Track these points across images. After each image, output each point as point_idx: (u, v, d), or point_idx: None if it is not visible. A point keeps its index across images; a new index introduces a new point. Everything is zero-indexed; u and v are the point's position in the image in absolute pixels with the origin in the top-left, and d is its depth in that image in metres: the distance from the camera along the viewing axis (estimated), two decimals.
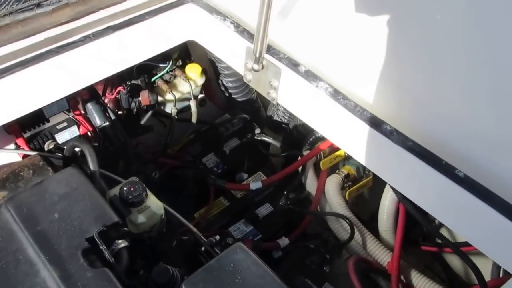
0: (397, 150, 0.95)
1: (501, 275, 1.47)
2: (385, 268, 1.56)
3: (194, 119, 1.61)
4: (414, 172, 0.96)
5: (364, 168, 1.77)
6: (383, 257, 1.57)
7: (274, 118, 1.99)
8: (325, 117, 1.11)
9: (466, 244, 1.53)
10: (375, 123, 0.99)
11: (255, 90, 1.97)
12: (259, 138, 1.79)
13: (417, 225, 1.78)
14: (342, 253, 1.60)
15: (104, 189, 1.20)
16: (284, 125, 1.99)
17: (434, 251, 1.76)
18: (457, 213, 0.93)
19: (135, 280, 1.11)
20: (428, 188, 0.96)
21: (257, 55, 1.18)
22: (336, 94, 1.07)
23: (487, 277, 1.71)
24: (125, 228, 1.11)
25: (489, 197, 0.87)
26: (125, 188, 1.13)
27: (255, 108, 2.01)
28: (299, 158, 1.71)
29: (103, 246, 1.02)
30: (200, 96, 1.90)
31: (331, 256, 1.51)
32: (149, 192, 1.17)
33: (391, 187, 1.46)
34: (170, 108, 1.59)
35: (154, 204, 1.17)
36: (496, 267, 1.52)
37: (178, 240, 1.30)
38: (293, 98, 1.21)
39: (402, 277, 1.52)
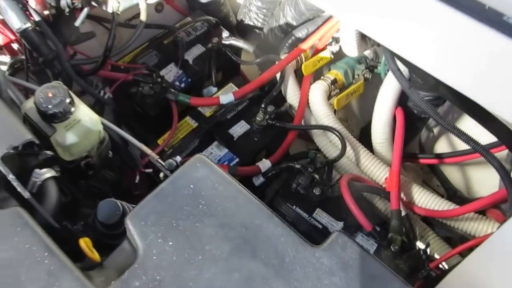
0: None
1: None
2: (381, 186, 1.32)
3: (143, 17, 1.25)
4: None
5: (353, 71, 1.47)
6: (380, 173, 1.31)
7: (246, 22, 1.65)
8: None
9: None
10: None
11: None
12: (228, 42, 1.45)
13: (414, 136, 1.53)
14: (332, 173, 1.34)
15: (18, 102, 0.88)
16: (257, 30, 1.66)
17: (433, 164, 1.53)
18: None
19: (77, 222, 0.83)
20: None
21: None
22: None
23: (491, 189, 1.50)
24: (48, 152, 0.81)
25: None
26: (40, 95, 0.80)
27: (223, 13, 1.65)
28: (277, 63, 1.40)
29: (11, 175, 0.72)
30: None
31: (320, 177, 1.24)
32: (78, 100, 0.85)
33: (392, 70, 1.12)
34: (112, 6, 1.23)
35: (87, 116, 0.85)
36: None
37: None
38: None
39: (402, 195, 1.28)
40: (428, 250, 1.14)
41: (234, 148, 1.30)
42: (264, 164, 1.28)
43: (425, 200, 1.26)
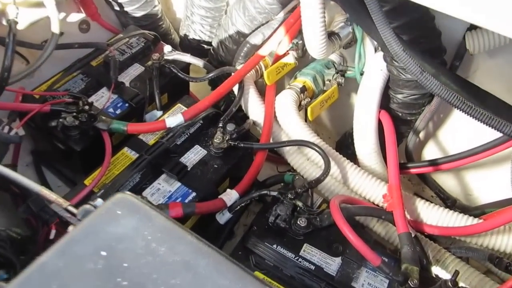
0: None
1: None
2: (379, 205, 1.00)
3: (55, 28, 0.90)
4: None
5: (322, 77, 1.18)
6: (374, 190, 1.00)
7: (191, 37, 1.33)
8: None
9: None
10: None
11: (159, 1, 1.30)
12: (171, 57, 1.12)
13: (399, 143, 1.24)
14: (313, 197, 1.01)
15: None
16: (205, 45, 1.35)
17: (425, 173, 1.23)
18: None
19: None
20: None
21: None
22: None
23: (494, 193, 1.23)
24: None
25: None
26: None
27: (162, 29, 1.33)
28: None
29: None
30: (78, 16, 1.20)
31: (304, 204, 0.91)
32: None
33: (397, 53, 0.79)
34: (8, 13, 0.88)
35: None
36: None
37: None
38: None
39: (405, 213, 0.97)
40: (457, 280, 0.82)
41: (189, 180, 0.95)
42: (230, 196, 0.93)
43: (436, 216, 0.95)
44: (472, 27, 1.00)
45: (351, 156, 1.16)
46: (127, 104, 1.06)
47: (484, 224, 0.86)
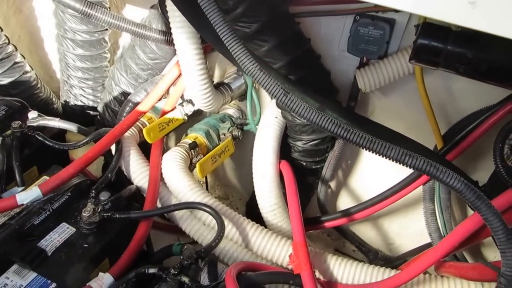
0: None
1: None
2: (287, 268, 0.84)
3: None
4: None
5: (217, 132, 1.05)
6: (280, 251, 0.84)
7: (72, 104, 1.18)
8: None
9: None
10: None
11: (30, 67, 1.14)
12: (36, 124, 0.95)
13: (310, 195, 1.12)
14: (216, 268, 0.82)
15: None
16: (91, 111, 1.19)
17: (341, 226, 1.10)
18: None
19: None
20: None
21: None
22: None
23: (415, 238, 1.12)
24: None
25: None
26: None
27: (40, 99, 1.17)
28: None
29: None
30: None
31: (192, 279, 0.72)
32: None
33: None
34: None
35: None
36: None
37: None
38: None
39: (317, 273, 0.81)
40: None
41: (48, 268, 0.73)
42: (102, 281, 0.72)
43: (351, 272, 0.80)
44: (361, 66, 0.95)
45: (261, 216, 1.01)
46: None
47: (401, 275, 0.72)
